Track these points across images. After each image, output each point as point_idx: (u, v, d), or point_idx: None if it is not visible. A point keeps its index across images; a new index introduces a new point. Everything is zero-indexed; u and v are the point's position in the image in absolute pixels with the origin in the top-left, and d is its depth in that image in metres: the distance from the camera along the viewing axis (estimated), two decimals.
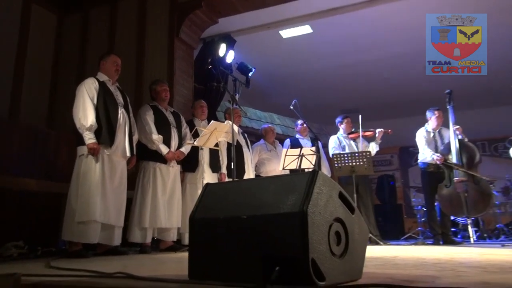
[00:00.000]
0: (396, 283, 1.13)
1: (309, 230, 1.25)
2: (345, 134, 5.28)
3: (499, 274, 1.54)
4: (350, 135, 5.22)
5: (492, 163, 8.09)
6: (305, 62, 7.08)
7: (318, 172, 1.36)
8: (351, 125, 5.33)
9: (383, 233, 5.33)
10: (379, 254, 2.94)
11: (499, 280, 1.37)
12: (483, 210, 4.49)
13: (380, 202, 7.78)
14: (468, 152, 4.57)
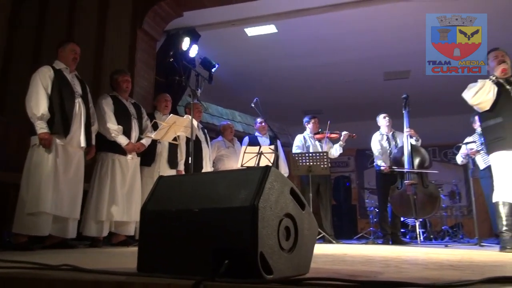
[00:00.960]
0: (340, 277, 1.16)
1: (259, 225, 1.26)
2: (311, 134, 5.38)
3: (437, 271, 1.63)
4: (316, 135, 5.33)
5: (442, 168, 8.51)
6: (269, 61, 7.13)
7: (270, 168, 1.38)
8: (318, 125, 5.43)
9: (337, 233, 5.48)
10: (330, 251, 3.03)
11: (437, 276, 1.45)
12: (430, 212, 4.72)
13: (335, 202, 7.98)
14: (419, 156, 4.78)
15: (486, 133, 3.44)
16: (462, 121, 5.75)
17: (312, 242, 1.57)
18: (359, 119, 8.36)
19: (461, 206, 7.38)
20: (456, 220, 6.88)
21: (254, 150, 4.47)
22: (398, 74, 7.58)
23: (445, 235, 6.24)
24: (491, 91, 3.33)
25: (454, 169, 7.98)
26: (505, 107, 3.29)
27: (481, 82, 3.41)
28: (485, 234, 6.57)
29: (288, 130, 8.55)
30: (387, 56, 6.95)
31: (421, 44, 6.55)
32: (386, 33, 6.26)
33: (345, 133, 5.17)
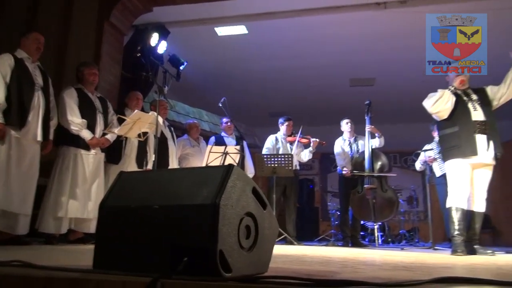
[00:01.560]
0: (297, 276, 1.19)
1: (219, 223, 1.26)
2: (284, 135, 5.43)
3: (391, 271, 1.69)
4: (288, 137, 5.38)
5: (401, 174, 8.80)
6: (238, 61, 7.14)
7: (233, 166, 1.38)
8: (291, 128, 5.49)
9: (299, 234, 5.56)
10: (290, 252, 3.07)
11: (390, 276, 1.50)
12: (388, 216, 4.87)
13: (298, 204, 8.07)
14: (379, 161, 4.93)
15: (443, 141, 3.60)
16: (422, 129, 5.98)
17: (272, 242, 1.59)
18: (324, 123, 8.50)
19: (418, 211, 7.66)
20: (413, 224, 7.14)
21: (219, 150, 4.46)
22: (364, 81, 7.78)
23: (402, 239, 6.46)
24: (449, 100, 3.48)
25: (413, 175, 8.25)
26: (461, 117, 3.46)
27: (440, 91, 3.56)
28: (439, 238, 6.85)
29: (254, 131, 8.58)
30: (353, 63, 7.12)
31: (387, 54, 6.81)
32: (354, 41, 6.41)
33: (314, 140, 5.25)
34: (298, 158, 5.30)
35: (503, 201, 8.39)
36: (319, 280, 1.17)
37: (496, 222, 8.40)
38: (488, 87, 3.60)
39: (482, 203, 3.45)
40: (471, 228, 3.42)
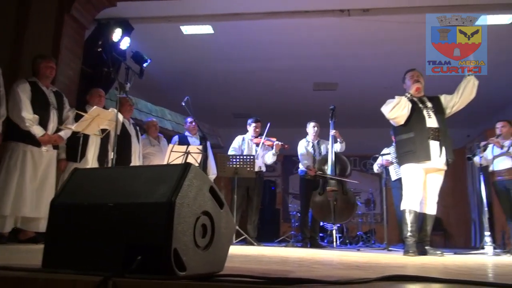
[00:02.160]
0: (250, 274, 1.20)
1: (174, 221, 1.26)
2: (252, 137, 5.44)
3: (344, 270, 1.74)
4: (255, 139, 5.40)
5: (360, 177, 9.04)
6: (203, 61, 7.10)
7: (190, 165, 1.38)
8: (259, 130, 5.50)
9: (259, 235, 5.58)
10: (249, 252, 3.08)
11: (342, 274, 1.54)
12: (347, 218, 5.00)
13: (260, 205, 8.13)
14: (341, 164, 5.05)
15: (399, 146, 3.74)
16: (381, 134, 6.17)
17: (228, 241, 1.60)
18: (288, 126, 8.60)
19: (375, 214, 7.90)
20: (370, 226, 7.35)
21: (181, 149, 4.42)
22: (327, 85, 7.94)
23: (359, 240, 6.64)
24: (406, 107, 3.62)
25: (371, 178, 8.53)
26: (416, 123, 3.60)
27: (397, 98, 3.70)
28: (394, 240, 7.09)
29: (218, 132, 8.56)
30: (317, 67, 7.26)
31: (349, 60, 6.98)
32: (318, 46, 6.54)
33: (277, 143, 5.29)
34: (263, 160, 5.34)
35: (454, 205, 8.82)
36: (272, 278, 1.19)
37: (447, 225, 8.81)
38: (442, 95, 3.78)
39: (433, 206, 3.61)
40: (423, 230, 3.57)
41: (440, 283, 1.31)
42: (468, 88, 3.59)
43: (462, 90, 3.62)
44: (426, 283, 1.31)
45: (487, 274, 1.89)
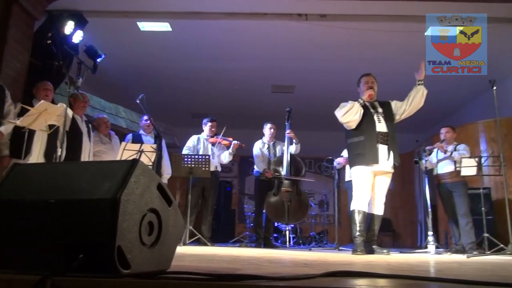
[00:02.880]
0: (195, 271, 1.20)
1: (119, 218, 1.23)
2: (207, 136, 5.39)
3: (291, 268, 1.78)
4: (210, 139, 5.35)
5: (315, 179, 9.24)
6: (161, 59, 6.98)
7: (137, 161, 1.36)
8: (215, 129, 5.45)
9: (214, 236, 5.57)
10: (201, 252, 3.07)
11: (289, 271, 1.57)
12: (300, 219, 5.10)
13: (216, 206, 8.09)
14: (296, 165, 5.13)
15: (350, 149, 3.86)
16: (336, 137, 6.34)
17: (176, 239, 1.58)
18: (245, 127, 8.64)
19: (328, 215, 8.09)
20: (323, 227, 7.53)
21: (134, 147, 4.31)
22: (284, 88, 8.06)
23: (312, 240, 6.78)
24: (358, 112, 3.74)
25: (326, 180, 8.72)
26: (367, 128, 3.73)
27: (350, 103, 3.81)
28: (346, 240, 7.31)
29: (174, 132, 8.44)
30: (275, 69, 7.34)
31: (307, 64, 7.12)
32: (276, 48, 6.61)
33: (235, 143, 5.29)
34: (219, 160, 5.32)
35: (402, 207, 9.22)
36: (217, 274, 1.20)
37: (396, 225, 9.19)
38: (393, 102, 3.94)
39: (381, 207, 3.76)
40: (371, 230, 3.71)
41: (380, 278, 1.37)
42: (418, 97, 3.76)
43: (412, 99, 3.79)
44: (367, 278, 1.37)
45: (426, 270, 2.00)
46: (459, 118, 8.23)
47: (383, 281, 1.31)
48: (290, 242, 5.42)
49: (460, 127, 6.63)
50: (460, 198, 4.92)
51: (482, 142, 6.42)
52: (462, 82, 7.29)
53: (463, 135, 6.41)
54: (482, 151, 6.01)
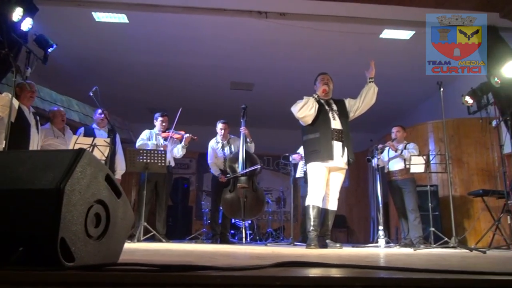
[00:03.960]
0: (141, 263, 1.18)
1: (63, 209, 1.19)
2: (159, 131, 5.28)
3: (243, 260, 1.79)
4: (163, 133, 5.25)
5: (272, 176, 9.34)
6: (117, 52, 6.78)
7: (84, 150, 1.31)
8: (166, 124, 5.35)
9: (171, 233, 5.49)
10: (154, 247, 3.02)
11: (240, 263, 1.58)
12: (256, 214, 5.12)
13: (172, 203, 7.99)
14: (251, 161, 5.15)
15: (306, 145, 3.93)
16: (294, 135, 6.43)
17: (125, 232, 1.55)
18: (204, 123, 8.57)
19: (285, 211, 8.20)
20: (279, 223, 7.62)
21: (86, 141, 4.17)
22: (243, 85, 8.07)
23: (268, 237, 6.85)
24: (313, 107, 3.81)
25: (283, 178, 8.83)
26: (322, 125, 3.81)
27: (306, 98, 3.88)
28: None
29: (130, 127, 8.23)
30: (234, 66, 7.33)
31: (266, 61, 7.16)
32: (236, 45, 6.61)
33: (187, 136, 5.22)
34: (172, 154, 5.24)
35: (356, 204, 9.51)
36: (165, 265, 1.18)
37: (350, 222, 9.46)
38: (347, 99, 4.05)
39: (335, 202, 3.85)
40: (325, 225, 3.80)
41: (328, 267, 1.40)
42: (370, 94, 3.88)
43: (364, 96, 3.91)
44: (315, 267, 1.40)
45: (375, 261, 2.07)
46: (411, 119, 8.59)
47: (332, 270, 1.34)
48: (247, 238, 5.44)
49: (411, 127, 6.93)
50: (409, 194, 5.14)
51: (431, 142, 6.73)
52: (415, 84, 7.62)
53: (414, 135, 6.70)
54: (430, 150, 6.31)
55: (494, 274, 1.25)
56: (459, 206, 6.16)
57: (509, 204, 4.71)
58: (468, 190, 6.01)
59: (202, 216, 7.47)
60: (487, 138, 6.12)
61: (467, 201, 6.17)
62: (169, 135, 5.17)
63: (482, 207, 5.62)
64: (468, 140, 6.46)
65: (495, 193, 5.48)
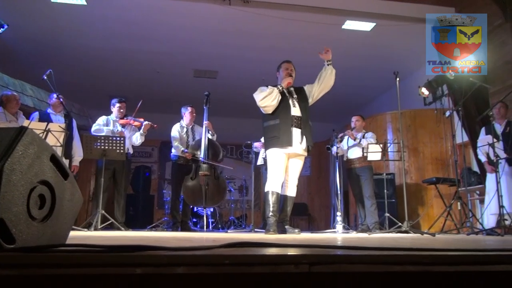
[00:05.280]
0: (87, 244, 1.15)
1: (2, 189, 1.14)
2: (117, 118, 5.13)
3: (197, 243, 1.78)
4: (121, 120, 5.11)
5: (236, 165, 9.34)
6: (75, 35, 6.53)
7: (26, 129, 1.26)
8: (124, 110, 5.20)
9: (132, 222, 5.40)
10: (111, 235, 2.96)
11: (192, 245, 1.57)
12: (218, 202, 5.12)
13: (133, 192, 7.85)
14: (214, 149, 5.13)
15: (266, 132, 3.95)
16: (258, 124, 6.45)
17: (73, 214, 1.50)
18: (166, 111, 8.45)
19: (247, 200, 8.25)
20: (242, 211, 7.67)
21: (40, 126, 4.00)
22: (207, 73, 7.99)
23: (230, 224, 6.88)
24: (276, 99, 3.83)
25: (245, 166, 8.87)
26: (282, 112, 3.84)
27: (270, 88, 3.89)
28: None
29: (89, 113, 7.97)
30: (198, 54, 7.24)
31: (230, 50, 7.11)
32: (199, 32, 6.52)
33: (146, 123, 5.11)
34: (130, 142, 5.12)
35: (317, 192, 9.70)
36: (110, 246, 1.16)
37: (312, 210, 9.65)
38: (305, 86, 4.09)
39: (294, 189, 3.91)
40: (284, 211, 3.85)
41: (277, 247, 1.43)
42: (327, 76, 3.93)
43: (322, 78, 3.95)
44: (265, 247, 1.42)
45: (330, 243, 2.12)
46: (372, 109, 8.83)
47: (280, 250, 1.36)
48: (208, 227, 5.43)
49: (370, 118, 7.12)
50: (366, 181, 5.30)
51: (389, 132, 6.95)
52: (375, 75, 7.82)
53: (373, 125, 6.89)
54: (388, 139, 6.51)
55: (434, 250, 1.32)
56: (414, 193, 6.42)
57: (460, 191, 4.94)
58: (422, 178, 6.26)
59: (164, 205, 7.38)
60: (441, 129, 6.39)
61: (422, 189, 6.43)
62: (128, 122, 5.04)
63: (435, 194, 5.88)
64: (424, 130, 6.71)
65: (447, 180, 5.75)
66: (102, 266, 1.10)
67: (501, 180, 4.29)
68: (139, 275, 1.14)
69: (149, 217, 7.71)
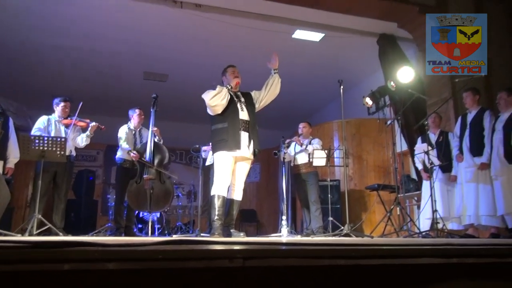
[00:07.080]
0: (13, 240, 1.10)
1: None
2: (59, 118, 4.88)
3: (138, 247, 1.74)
4: (64, 120, 4.87)
5: (185, 170, 9.24)
6: (16, 30, 6.19)
7: None
8: (68, 110, 4.96)
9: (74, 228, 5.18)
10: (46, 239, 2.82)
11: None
12: (163, 207, 5.04)
13: (75, 197, 7.51)
14: (160, 153, 5.04)
15: (213, 135, 3.93)
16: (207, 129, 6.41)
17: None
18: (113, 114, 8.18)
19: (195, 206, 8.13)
20: (190, 217, 7.56)
21: None
22: (157, 76, 7.86)
23: (177, 230, 6.77)
24: (225, 98, 3.84)
25: (194, 172, 8.78)
26: (230, 115, 3.86)
27: (219, 88, 3.89)
28: None
29: (28, 113, 7.55)
30: (148, 56, 7.12)
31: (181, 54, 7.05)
32: (150, 34, 6.42)
33: (93, 124, 4.91)
34: (74, 143, 4.91)
35: (266, 198, 9.79)
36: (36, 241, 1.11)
37: (260, 216, 9.72)
38: (253, 91, 4.14)
39: (240, 192, 3.92)
40: (229, 214, 3.84)
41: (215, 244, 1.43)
42: (274, 84, 4.02)
43: (269, 86, 4.03)
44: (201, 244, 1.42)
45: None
46: (320, 117, 9.08)
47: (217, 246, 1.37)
48: (154, 232, 5.30)
49: (318, 125, 7.33)
50: (311, 186, 5.44)
51: (335, 140, 7.18)
52: (324, 84, 8.06)
53: (321, 133, 7.09)
54: (335, 147, 6.73)
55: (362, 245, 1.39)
56: (357, 199, 6.67)
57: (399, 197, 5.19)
58: (366, 184, 6.52)
59: (108, 210, 7.12)
60: (383, 138, 6.69)
61: (365, 195, 6.69)
62: (72, 122, 4.83)
63: (377, 200, 6.14)
64: (368, 138, 7.00)
65: (387, 187, 6.03)
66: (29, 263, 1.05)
67: (435, 186, 4.56)
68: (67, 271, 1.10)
69: (92, 223, 7.39)
